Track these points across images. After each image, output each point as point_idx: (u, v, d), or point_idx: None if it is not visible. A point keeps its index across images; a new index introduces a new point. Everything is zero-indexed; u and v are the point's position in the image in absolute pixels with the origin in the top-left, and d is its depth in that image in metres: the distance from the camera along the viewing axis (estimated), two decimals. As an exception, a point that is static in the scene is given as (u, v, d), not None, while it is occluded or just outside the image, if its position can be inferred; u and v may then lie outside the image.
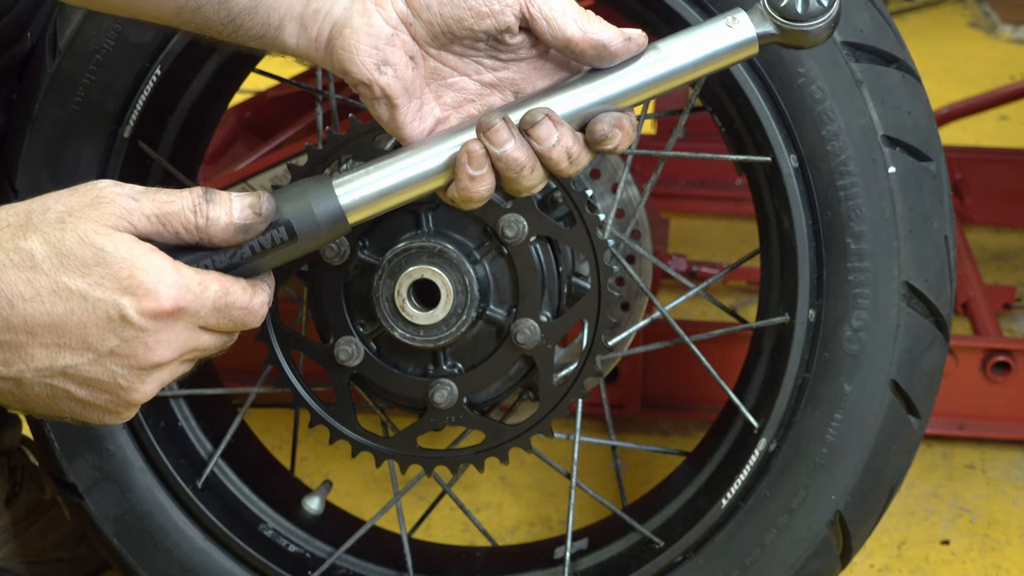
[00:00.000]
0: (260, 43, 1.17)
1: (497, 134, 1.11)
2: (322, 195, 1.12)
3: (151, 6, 1.17)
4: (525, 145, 1.12)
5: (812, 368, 1.46)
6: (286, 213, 1.11)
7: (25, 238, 1.05)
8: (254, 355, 1.53)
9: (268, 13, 1.15)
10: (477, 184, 1.12)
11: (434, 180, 1.14)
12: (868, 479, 1.47)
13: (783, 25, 1.11)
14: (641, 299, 1.78)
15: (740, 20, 1.12)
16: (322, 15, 1.14)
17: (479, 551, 1.73)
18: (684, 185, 2.89)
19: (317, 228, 1.12)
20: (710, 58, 1.13)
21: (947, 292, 1.46)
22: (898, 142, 1.41)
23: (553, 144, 1.12)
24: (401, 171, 1.14)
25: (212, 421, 1.64)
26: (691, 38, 1.13)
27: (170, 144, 1.56)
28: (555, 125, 1.12)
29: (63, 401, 1.10)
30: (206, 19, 1.16)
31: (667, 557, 1.53)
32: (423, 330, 1.40)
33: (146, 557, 1.59)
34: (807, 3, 1.11)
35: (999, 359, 2.12)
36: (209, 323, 1.10)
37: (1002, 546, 1.97)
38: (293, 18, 1.15)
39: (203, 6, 1.15)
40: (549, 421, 1.47)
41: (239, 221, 1.09)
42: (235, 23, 1.16)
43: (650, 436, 2.24)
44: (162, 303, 1.05)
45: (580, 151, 1.13)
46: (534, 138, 1.12)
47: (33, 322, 1.05)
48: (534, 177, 1.13)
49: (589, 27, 1.11)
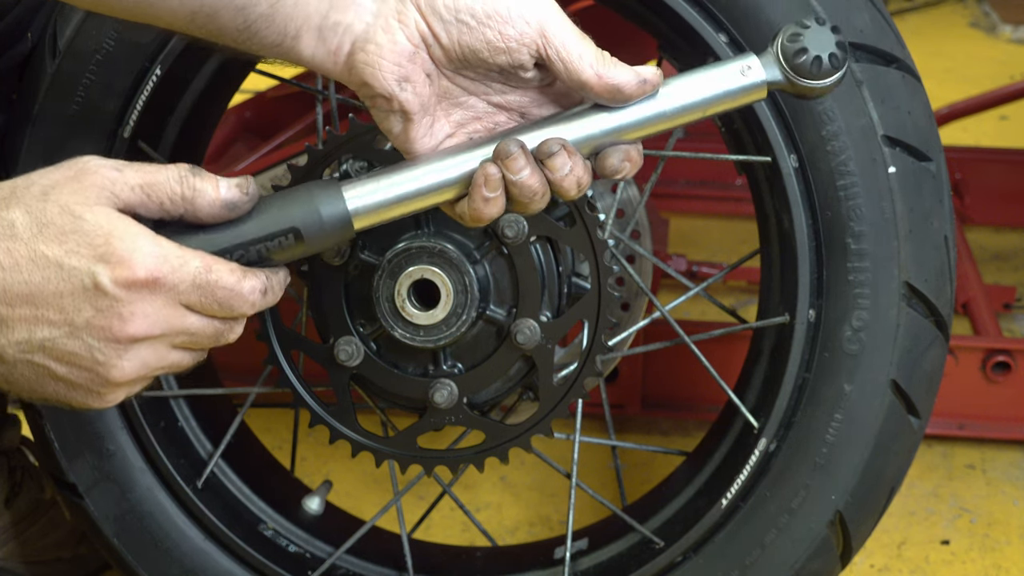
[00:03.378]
0: (275, 51, 1.17)
1: (515, 162, 1.13)
2: (330, 199, 1.13)
3: (165, 11, 1.16)
4: (539, 173, 1.14)
5: (812, 368, 1.46)
6: (293, 214, 1.12)
7: (8, 209, 1.06)
8: (254, 355, 1.53)
9: (286, 22, 1.15)
10: (490, 206, 1.14)
11: (444, 193, 1.16)
12: (868, 479, 1.47)
13: (794, 79, 1.14)
14: (641, 299, 1.78)
15: (754, 67, 1.15)
16: (342, 28, 1.14)
17: (479, 551, 1.73)
18: (684, 185, 2.89)
19: (323, 231, 1.13)
20: (719, 99, 1.16)
21: (947, 292, 1.46)
22: (898, 142, 1.41)
23: (566, 174, 1.14)
24: (411, 181, 1.15)
25: (212, 421, 1.64)
26: (703, 78, 1.16)
27: (170, 144, 1.56)
28: (569, 156, 1.14)
29: (46, 381, 1.10)
30: (221, 26, 1.16)
31: (667, 557, 1.53)
32: (423, 330, 1.40)
33: (146, 557, 1.59)
34: (820, 62, 1.14)
35: (999, 359, 2.12)
36: (191, 301, 1.09)
37: (1002, 546, 1.97)
38: (311, 28, 1.14)
39: (219, 12, 1.15)
40: (549, 421, 1.47)
41: (226, 196, 1.10)
42: (251, 30, 1.15)
43: (650, 436, 2.24)
44: (136, 271, 1.05)
45: (588, 179, 1.16)
46: (549, 168, 1.14)
47: (11, 292, 1.06)
48: (543, 202, 1.16)
49: (605, 71, 1.13)
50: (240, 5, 1.14)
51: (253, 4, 1.14)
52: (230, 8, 1.14)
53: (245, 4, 1.14)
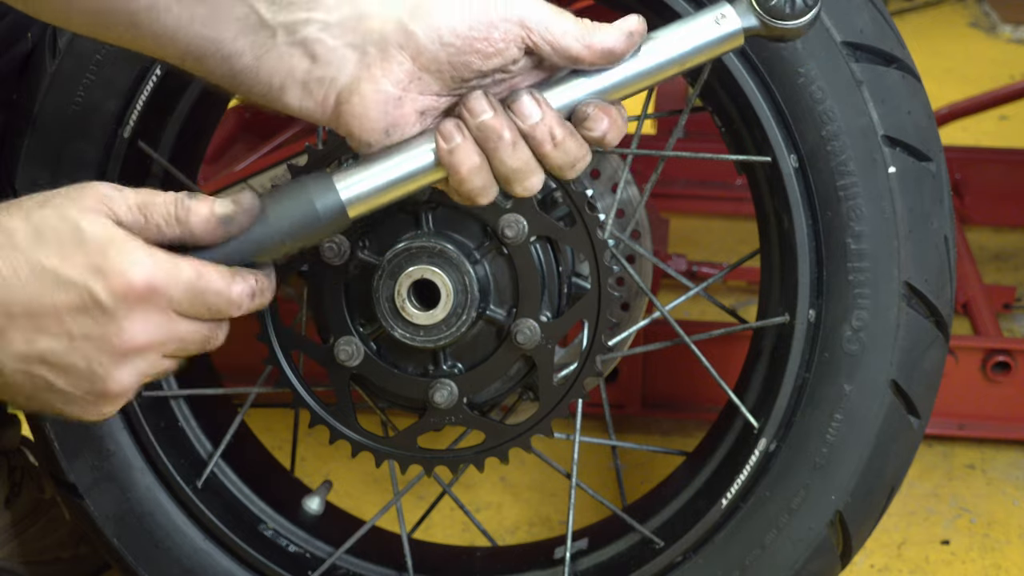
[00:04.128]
0: (264, 100, 1.17)
1: (477, 103, 1.11)
2: (322, 190, 1.14)
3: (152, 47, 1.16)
4: (505, 117, 1.12)
5: (812, 368, 1.46)
6: (290, 211, 1.12)
7: (10, 217, 1.07)
8: (254, 355, 1.53)
9: (270, 75, 1.14)
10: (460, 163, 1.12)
11: (433, 173, 1.15)
12: (868, 479, 1.47)
13: (768, 22, 1.15)
14: (641, 299, 1.77)
15: (728, 15, 1.15)
16: (327, 81, 1.13)
17: (479, 551, 1.73)
18: (684, 185, 2.88)
19: (318, 223, 1.13)
20: (697, 51, 1.16)
21: (947, 292, 1.46)
22: (898, 142, 1.41)
23: (536, 122, 1.12)
24: (401, 165, 1.15)
25: (212, 421, 1.64)
26: (679, 32, 1.16)
27: (170, 144, 1.56)
28: (538, 104, 1.12)
29: (43, 392, 1.10)
30: (210, 71, 1.16)
31: (667, 557, 1.53)
32: (423, 330, 1.40)
33: (146, 557, 1.59)
34: (793, 2, 1.14)
35: (999, 359, 2.12)
36: (183, 308, 1.09)
37: (1002, 546, 1.97)
38: (295, 83, 1.14)
39: (205, 59, 1.14)
40: (549, 421, 1.47)
41: (220, 211, 1.10)
42: (237, 80, 1.15)
43: (650, 436, 2.24)
44: (133, 283, 1.06)
45: (566, 136, 1.13)
46: (516, 113, 1.12)
47: (11, 302, 1.06)
48: (517, 156, 1.12)
49: (591, 39, 1.12)
50: (225, 55, 1.14)
51: (238, 55, 1.14)
52: (216, 57, 1.14)
53: (230, 54, 1.14)
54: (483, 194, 1.15)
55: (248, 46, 1.13)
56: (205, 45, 1.13)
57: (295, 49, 1.13)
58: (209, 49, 1.14)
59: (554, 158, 1.13)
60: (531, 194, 1.16)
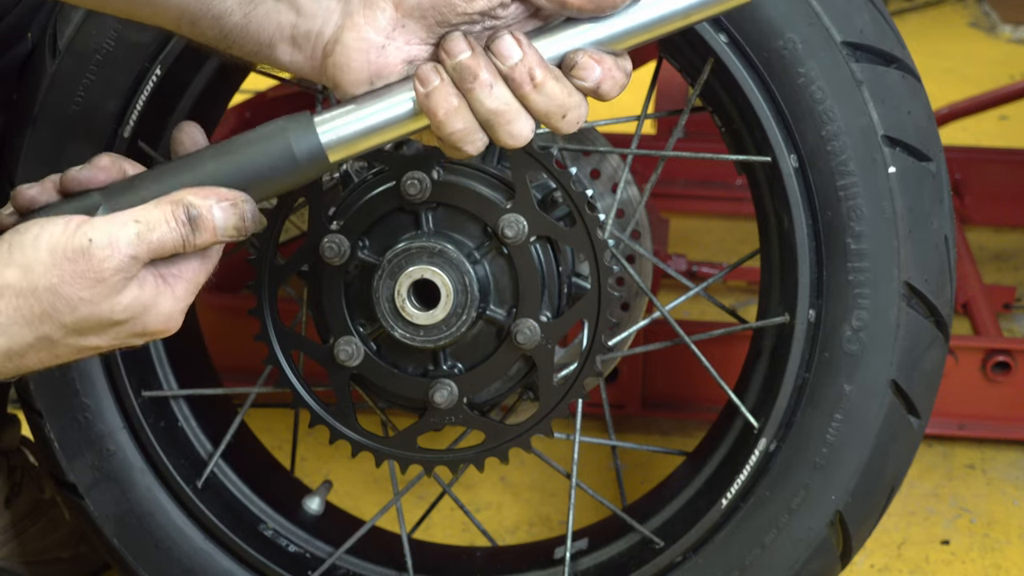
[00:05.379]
0: (256, 58, 1.19)
1: (455, 44, 1.10)
2: (302, 132, 1.14)
3: (148, 14, 1.18)
4: (484, 58, 1.09)
5: (812, 368, 1.46)
6: (269, 151, 1.15)
7: None
8: (254, 355, 1.53)
9: (259, 32, 1.16)
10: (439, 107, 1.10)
11: (414, 119, 1.13)
12: (868, 479, 1.47)
13: None
14: (641, 299, 1.78)
15: None
16: (313, 35, 1.15)
17: (479, 551, 1.73)
18: (684, 185, 2.88)
19: (296, 165, 1.15)
20: (702, 5, 1.11)
21: (947, 292, 1.46)
22: (898, 142, 1.41)
23: (516, 63, 1.09)
24: (383, 109, 1.14)
25: (212, 421, 1.64)
26: None
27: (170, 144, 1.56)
28: (518, 43, 1.09)
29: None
30: (202, 33, 1.17)
31: (667, 557, 1.53)
32: (423, 330, 1.40)
33: (146, 557, 1.59)
34: None
35: (999, 359, 2.12)
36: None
37: (1002, 546, 1.97)
38: (284, 38, 1.16)
39: (198, 21, 1.16)
40: (549, 421, 1.47)
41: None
42: (228, 39, 1.17)
43: (650, 436, 2.24)
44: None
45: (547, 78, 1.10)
46: (495, 53, 1.10)
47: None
48: (495, 96, 1.10)
49: None
50: (216, 15, 1.15)
51: (227, 14, 1.15)
52: (207, 18, 1.16)
53: (220, 14, 1.15)
54: (466, 140, 1.12)
55: (236, 4, 1.15)
56: (197, 7, 1.15)
57: (281, 4, 1.14)
58: (201, 11, 1.15)
59: (536, 102, 1.10)
60: (519, 143, 1.12)
